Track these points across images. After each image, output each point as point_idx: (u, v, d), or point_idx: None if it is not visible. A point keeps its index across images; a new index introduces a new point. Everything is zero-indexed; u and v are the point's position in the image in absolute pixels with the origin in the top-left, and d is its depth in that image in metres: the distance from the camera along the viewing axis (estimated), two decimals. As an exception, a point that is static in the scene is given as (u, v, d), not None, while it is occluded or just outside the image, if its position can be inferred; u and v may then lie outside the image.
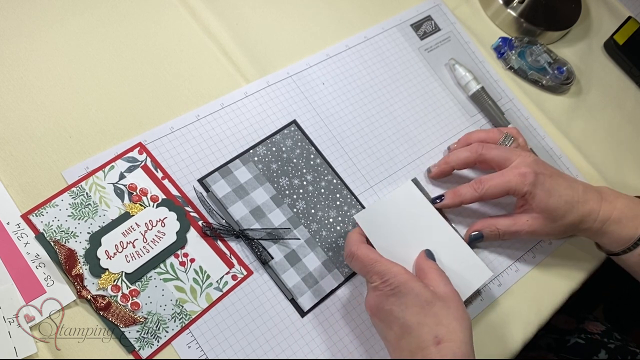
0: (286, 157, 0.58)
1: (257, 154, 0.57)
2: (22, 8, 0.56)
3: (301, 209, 0.56)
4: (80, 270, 0.48)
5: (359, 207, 0.58)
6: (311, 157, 0.59)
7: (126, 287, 0.49)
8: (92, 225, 0.50)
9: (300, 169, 0.58)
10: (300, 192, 0.56)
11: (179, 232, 0.52)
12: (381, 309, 0.47)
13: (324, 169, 0.58)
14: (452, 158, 0.59)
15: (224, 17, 0.63)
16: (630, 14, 0.83)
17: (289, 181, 0.57)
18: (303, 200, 0.56)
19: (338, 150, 0.60)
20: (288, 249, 0.54)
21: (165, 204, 0.52)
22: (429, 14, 0.72)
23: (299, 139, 0.59)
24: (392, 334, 0.46)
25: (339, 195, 0.58)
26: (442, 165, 0.60)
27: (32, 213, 0.49)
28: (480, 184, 0.55)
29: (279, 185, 0.56)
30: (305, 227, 0.55)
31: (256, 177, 0.56)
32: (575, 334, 0.71)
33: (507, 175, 0.55)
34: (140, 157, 0.54)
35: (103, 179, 0.52)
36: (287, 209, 0.55)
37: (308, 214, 0.56)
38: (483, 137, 0.60)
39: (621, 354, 0.67)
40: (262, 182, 0.56)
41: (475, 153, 0.57)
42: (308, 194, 0.57)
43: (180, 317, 0.49)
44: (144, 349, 0.47)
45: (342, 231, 0.56)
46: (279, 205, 0.55)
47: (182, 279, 0.50)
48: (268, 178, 0.56)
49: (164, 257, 0.51)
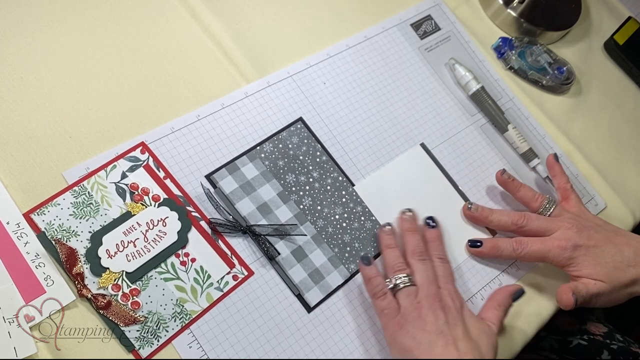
0: (292, 154, 0.58)
1: (264, 151, 0.57)
2: (22, 8, 0.56)
3: (308, 205, 0.56)
4: (81, 269, 0.48)
5: (365, 204, 0.58)
6: (317, 154, 0.59)
7: (127, 287, 0.49)
8: (94, 224, 0.50)
9: (307, 165, 0.58)
10: (306, 189, 0.57)
11: (180, 231, 0.52)
12: (449, 308, 0.50)
13: (329, 166, 0.58)
14: (494, 217, 0.59)
15: (224, 17, 0.63)
16: (630, 14, 0.83)
17: (295, 178, 0.57)
18: (309, 197, 0.56)
19: (338, 150, 0.60)
20: (294, 245, 0.54)
21: (167, 203, 0.52)
22: (429, 13, 0.72)
23: (305, 136, 0.59)
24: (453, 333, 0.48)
25: (345, 192, 0.58)
26: (480, 218, 0.59)
27: (34, 212, 0.49)
28: (520, 246, 0.56)
29: (286, 181, 0.56)
30: (312, 224, 0.55)
31: (263, 173, 0.56)
32: (577, 335, 0.70)
33: (547, 244, 0.56)
34: (142, 156, 0.54)
35: (105, 178, 0.52)
36: (294, 205, 0.56)
37: (314, 210, 0.56)
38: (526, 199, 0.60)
39: (624, 355, 0.66)
40: (269, 179, 0.56)
41: (515, 225, 0.58)
42: (314, 190, 0.57)
43: (181, 317, 0.49)
44: (144, 348, 0.47)
45: (348, 228, 0.56)
46: (286, 202, 0.55)
47: (182, 279, 0.50)
48: (275, 174, 0.56)
49: (165, 257, 0.50)
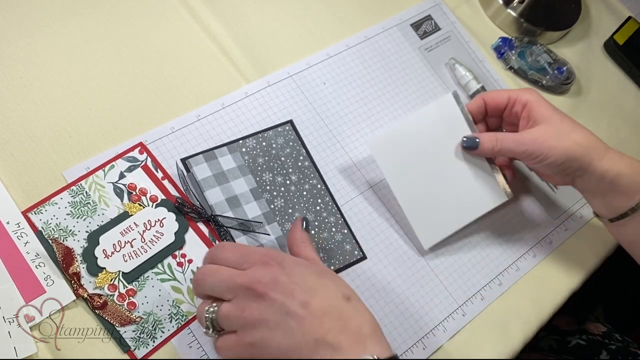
0: (274, 154, 0.57)
1: (246, 145, 0.57)
2: (22, 8, 0.56)
3: (279, 206, 0.55)
4: (77, 268, 0.48)
5: (339, 216, 0.57)
6: (300, 158, 0.58)
7: (123, 287, 0.49)
8: (91, 224, 0.50)
9: (287, 167, 0.57)
10: (281, 190, 0.56)
11: (177, 232, 0.52)
12: (277, 281, 0.41)
13: (310, 172, 0.58)
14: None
15: (224, 17, 0.63)
16: (630, 14, 0.83)
17: (272, 177, 0.56)
18: (282, 199, 0.56)
19: (339, 150, 0.60)
20: (256, 244, 0.53)
21: (164, 204, 0.52)
22: (429, 13, 0.72)
23: (291, 139, 0.59)
24: (296, 301, 0.41)
25: (321, 200, 0.57)
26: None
27: (31, 211, 0.49)
28: None
29: (262, 179, 0.56)
30: (279, 225, 0.55)
31: (240, 167, 0.56)
32: (576, 335, 0.70)
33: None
34: (140, 156, 0.54)
35: (103, 178, 0.52)
36: (265, 204, 0.55)
37: (285, 212, 0.55)
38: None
39: (622, 355, 0.66)
40: (245, 173, 0.55)
41: None
42: (289, 193, 0.56)
43: (177, 318, 0.49)
44: (140, 349, 0.47)
45: (315, 236, 0.55)
46: (257, 199, 0.55)
47: (179, 280, 0.50)
48: (252, 170, 0.56)
49: (162, 258, 0.50)
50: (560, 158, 0.53)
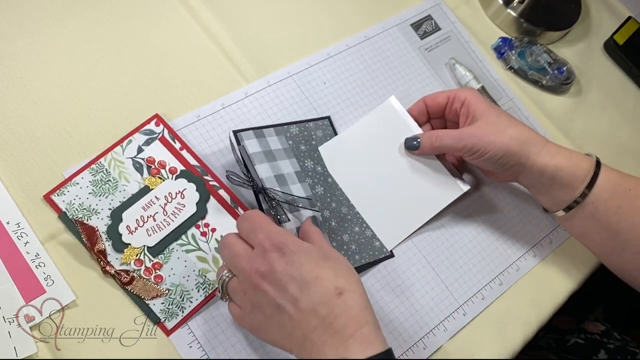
0: (314, 145, 0.59)
1: (290, 131, 0.58)
2: (22, 8, 0.56)
3: (319, 193, 0.56)
4: (102, 246, 0.48)
5: None
6: None
7: (149, 261, 0.49)
8: (113, 201, 0.50)
9: (324, 160, 0.58)
10: (321, 179, 0.57)
11: (199, 202, 0.52)
12: (273, 271, 0.42)
13: None
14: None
15: (224, 17, 0.63)
16: (630, 14, 0.83)
17: (313, 165, 0.57)
18: (322, 187, 0.57)
19: (338, 150, 0.60)
20: (299, 223, 0.53)
21: (184, 175, 0.52)
22: (429, 13, 0.72)
23: (329, 134, 0.60)
24: (288, 296, 0.42)
25: None
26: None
27: (54, 193, 0.49)
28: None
29: (304, 165, 0.57)
30: (319, 211, 0.55)
31: (285, 150, 0.56)
32: (575, 334, 0.71)
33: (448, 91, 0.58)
34: (157, 128, 0.54)
35: (122, 153, 0.52)
36: (308, 188, 0.56)
37: (324, 200, 0.56)
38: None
39: (621, 354, 0.67)
40: (290, 157, 0.56)
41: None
42: (327, 184, 0.57)
43: (204, 287, 0.50)
44: (169, 320, 0.48)
45: (348, 229, 0.56)
46: (301, 182, 0.56)
47: (204, 249, 0.51)
48: (296, 155, 0.57)
49: (185, 229, 0.51)
50: (499, 152, 0.53)
